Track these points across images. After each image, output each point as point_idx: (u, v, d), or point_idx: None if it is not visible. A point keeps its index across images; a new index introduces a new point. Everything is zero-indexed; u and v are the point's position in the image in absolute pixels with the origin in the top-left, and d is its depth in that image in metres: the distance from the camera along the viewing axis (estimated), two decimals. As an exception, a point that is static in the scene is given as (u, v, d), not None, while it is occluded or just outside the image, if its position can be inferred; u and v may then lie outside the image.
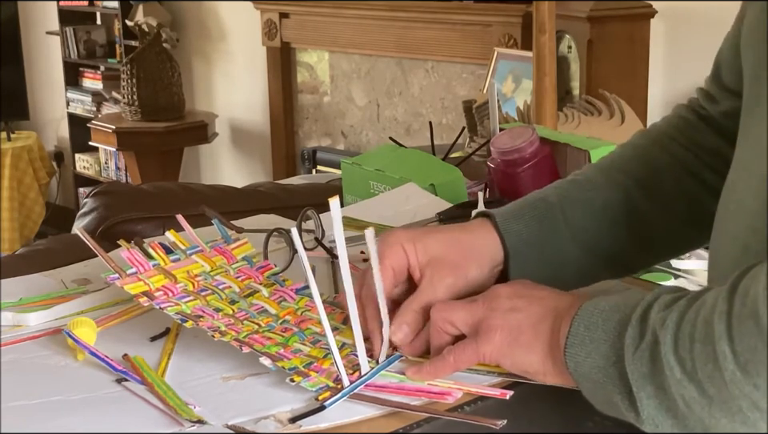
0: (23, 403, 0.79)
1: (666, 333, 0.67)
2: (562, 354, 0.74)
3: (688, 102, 1.03)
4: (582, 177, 0.97)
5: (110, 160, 5.48)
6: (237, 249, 1.00)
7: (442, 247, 0.87)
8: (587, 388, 0.73)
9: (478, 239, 0.90)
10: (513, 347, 0.77)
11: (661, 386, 0.67)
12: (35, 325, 0.95)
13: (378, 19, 4.02)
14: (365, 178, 1.40)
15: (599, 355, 0.71)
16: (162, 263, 0.94)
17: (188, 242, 0.98)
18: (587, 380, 0.73)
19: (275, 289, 0.95)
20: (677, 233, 0.98)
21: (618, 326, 0.71)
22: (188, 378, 0.83)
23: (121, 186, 3.08)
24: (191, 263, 0.96)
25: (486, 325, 0.79)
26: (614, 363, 0.70)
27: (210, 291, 0.93)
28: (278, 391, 0.80)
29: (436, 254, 0.87)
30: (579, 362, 0.73)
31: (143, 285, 0.90)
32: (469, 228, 0.91)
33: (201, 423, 0.75)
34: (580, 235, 0.92)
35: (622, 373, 0.69)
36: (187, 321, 0.87)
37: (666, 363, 0.66)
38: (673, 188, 0.97)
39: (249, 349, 0.83)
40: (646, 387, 0.68)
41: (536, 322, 0.77)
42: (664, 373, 0.67)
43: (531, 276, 0.85)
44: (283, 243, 1.12)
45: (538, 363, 0.76)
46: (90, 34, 5.58)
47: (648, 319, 0.69)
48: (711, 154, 0.97)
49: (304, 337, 0.87)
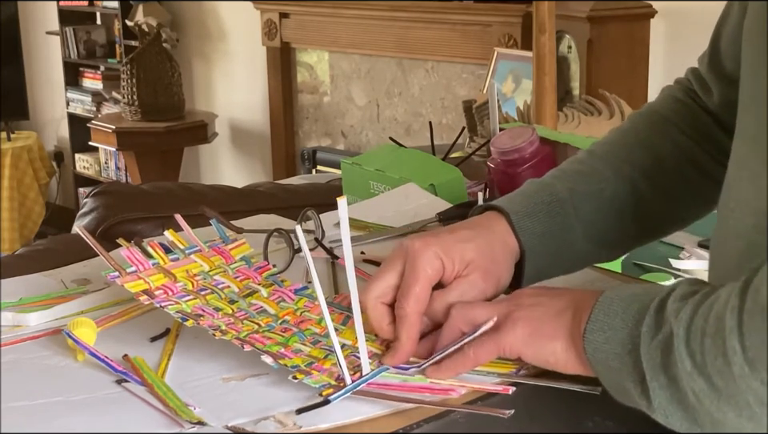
0: (23, 404, 0.79)
1: (679, 325, 0.68)
2: (582, 341, 0.74)
3: (681, 84, 1.03)
4: (586, 168, 0.96)
5: (110, 160, 5.48)
6: (235, 249, 1.00)
7: (475, 255, 0.86)
8: (603, 374, 0.74)
9: (501, 242, 0.89)
10: (535, 338, 0.77)
11: (673, 377, 0.68)
12: (35, 325, 0.95)
13: (378, 19, 4.02)
14: (365, 178, 1.40)
15: (616, 342, 0.72)
16: (161, 262, 0.94)
17: (187, 242, 0.98)
18: (603, 366, 0.73)
19: (274, 289, 0.95)
20: (677, 219, 1.00)
21: (636, 314, 0.71)
22: (188, 379, 0.83)
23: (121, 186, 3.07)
24: (190, 262, 0.96)
25: (509, 318, 0.79)
26: (629, 351, 0.70)
27: (210, 291, 0.93)
28: (279, 391, 0.80)
29: (469, 261, 0.85)
30: (597, 348, 0.73)
31: (143, 283, 0.90)
32: (489, 228, 0.89)
33: (201, 425, 0.75)
34: (590, 230, 0.93)
35: (636, 361, 0.70)
36: (188, 320, 0.87)
37: (678, 355, 0.67)
38: (675, 176, 0.97)
39: (250, 347, 0.83)
40: (659, 378, 0.68)
41: (558, 312, 0.77)
42: (676, 365, 0.67)
43: (544, 272, 0.85)
44: (283, 243, 1.12)
45: (561, 351, 0.76)
46: (90, 34, 5.58)
47: (665, 310, 0.70)
48: (711, 143, 0.98)
49: (304, 337, 0.87)
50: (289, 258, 1.09)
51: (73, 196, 5.79)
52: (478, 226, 0.89)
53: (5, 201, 5.36)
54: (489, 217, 0.91)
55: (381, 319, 0.84)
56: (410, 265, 0.83)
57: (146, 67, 4.69)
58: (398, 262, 0.84)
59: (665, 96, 1.04)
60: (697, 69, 1.01)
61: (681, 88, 1.03)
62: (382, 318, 0.84)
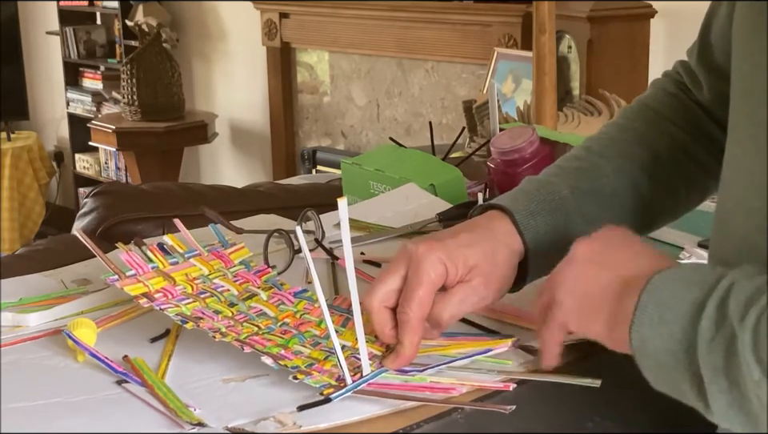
0: (24, 405, 0.79)
1: (744, 331, 0.64)
2: (627, 328, 0.71)
3: (670, 77, 1.03)
4: (586, 164, 0.96)
5: (110, 160, 5.48)
6: (234, 253, 1.00)
7: (478, 260, 0.85)
8: (649, 367, 0.70)
9: (504, 245, 0.88)
10: (580, 316, 0.76)
11: (735, 382, 0.65)
12: (35, 325, 0.95)
13: (378, 19, 4.01)
14: (365, 179, 1.40)
15: (669, 338, 0.68)
16: (160, 266, 0.94)
17: (185, 245, 0.98)
18: (652, 360, 0.70)
19: (273, 292, 0.96)
20: (673, 210, 1.01)
21: (691, 308, 0.67)
22: (188, 380, 0.83)
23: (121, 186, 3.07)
24: (189, 266, 0.96)
25: (556, 294, 0.78)
26: (685, 349, 0.67)
27: (209, 294, 0.93)
28: (279, 392, 0.80)
29: (473, 266, 0.85)
30: (646, 341, 0.69)
31: (143, 286, 0.91)
32: (492, 230, 0.88)
33: (201, 426, 0.75)
34: (592, 226, 0.91)
35: (692, 361, 0.66)
36: (187, 322, 0.87)
37: (743, 361, 0.64)
38: (673, 170, 0.97)
39: (251, 349, 0.83)
40: (719, 381, 0.65)
41: (604, 288, 0.75)
42: (740, 370, 0.64)
43: (548, 271, 0.84)
44: (283, 243, 1.12)
45: (604, 335, 0.75)
46: (90, 34, 5.58)
47: (726, 309, 0.66)
48: (704, 135, 0.98)
49: (304, 339, 0.87)
50: (289, 258, 1.09)
51: (73, 196, 5.78)
52: (481, 228, 0.89)
53: (5, 201, 5.35)
54: (491, 217, 0.90)
55: (384, 324, 0.84)
56: (414, 269, 0.83)
57: (146, 67, 4.68)
58: (402, 265, 0.84)
59: (656, 90, 1.04)
60: (686, 62, 1.02)
61: (671, 81, 1.03)
62: (384, 323, 0.84)
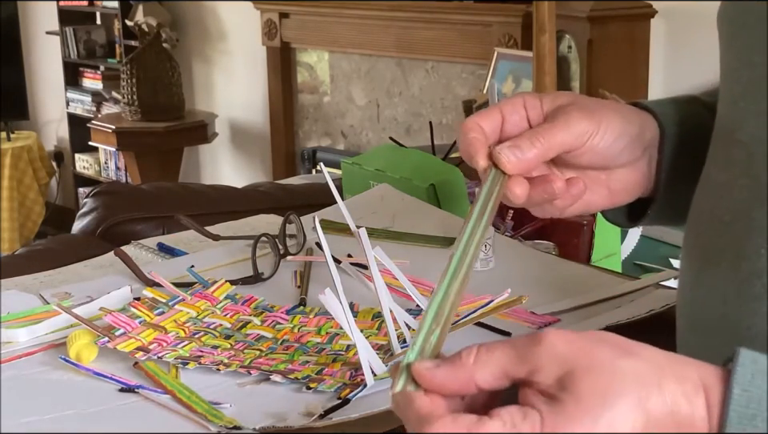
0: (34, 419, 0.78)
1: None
2: None
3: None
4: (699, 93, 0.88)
5: (110, 160, 5.48)
6: (217, 291, 0.99)
7: (574, 97, 0.74)
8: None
9: (618, 107, 0.77)
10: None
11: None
12: (26, 341, 0.93)
13: (378, 19, 4.01)
14: (365, 178, 1.40)
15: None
16: (147, 319, 0.93)
17: (167, 294, 0.98)
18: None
19: (266, 316, 0.96)
20: None
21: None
22: (203, 385, 0.82)
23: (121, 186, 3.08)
24: (176, 312, 0.95)
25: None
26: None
27: (203, 333, 0.93)
28: (296, 393, 0.80)
29: (566, 102, 0.73)
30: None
31: (135, 341, 0.89)
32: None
33: (236, 429, 0.73)
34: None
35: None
36: (189, 363, 0.86)
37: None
38: None
39: (257, 372, 0.83)
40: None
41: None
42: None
43: (681, 160, 0.77)
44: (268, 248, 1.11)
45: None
46: (89, 34, 5.58)
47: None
48: None
49: (307, 349, 0.87)
50: (275, 263, 1.09)
51: (73, 196, 5.78)
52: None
53: (5, 201, 5.35)
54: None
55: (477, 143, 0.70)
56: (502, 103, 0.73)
57: (146, 67, 4.68)
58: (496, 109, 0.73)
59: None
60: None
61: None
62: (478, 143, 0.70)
